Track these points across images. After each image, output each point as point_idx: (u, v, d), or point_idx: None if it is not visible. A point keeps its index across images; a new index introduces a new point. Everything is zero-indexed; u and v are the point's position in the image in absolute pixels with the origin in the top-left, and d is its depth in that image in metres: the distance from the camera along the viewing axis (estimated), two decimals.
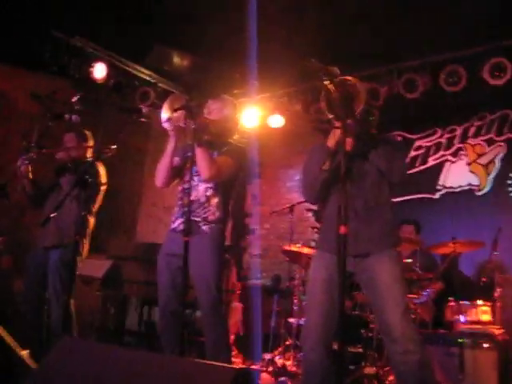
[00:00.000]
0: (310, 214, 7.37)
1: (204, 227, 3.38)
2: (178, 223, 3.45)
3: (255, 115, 6.61)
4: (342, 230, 2.30)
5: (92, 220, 4.34)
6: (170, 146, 3.38)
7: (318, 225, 7.22)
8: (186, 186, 3.29)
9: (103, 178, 4.37)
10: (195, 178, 3.43)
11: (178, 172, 3.45)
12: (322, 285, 2.83)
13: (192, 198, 3.36)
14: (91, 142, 4.51)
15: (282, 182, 7.87)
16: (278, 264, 7.06)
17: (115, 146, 3.44)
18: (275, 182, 7.92)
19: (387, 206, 2.98)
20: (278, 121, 6.75)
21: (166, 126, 3.23)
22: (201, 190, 3.44)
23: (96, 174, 4.26)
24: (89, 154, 4.47)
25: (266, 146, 7.28)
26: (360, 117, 2.76)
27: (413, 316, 4.35)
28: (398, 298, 2.77)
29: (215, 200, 3.43)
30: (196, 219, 3.39)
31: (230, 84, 6.00)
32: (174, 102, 3.23)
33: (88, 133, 4.54)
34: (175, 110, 3.16)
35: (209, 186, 3.45)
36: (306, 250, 5.51)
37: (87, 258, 4.31)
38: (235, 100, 3.67)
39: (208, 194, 3.44)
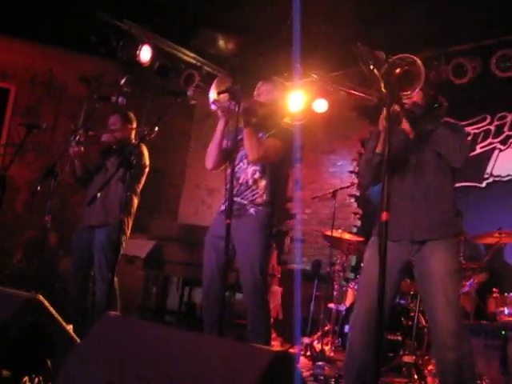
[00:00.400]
0: (352, 200, 7.47)
1: (251, 210, 3.37)
2: (226, 206, 3.46)
3: (299, 99, 6.52)
4: (384, 216, 2.22)
5: (136, 200, 4.39)
6: (220, 128, 3.38)
7: (360, 211, 7.32)
8: (234, 168, 3.30)
9: (146, 160, 4.40)
10: (244, 161, 3.44)
11: (228, 155, 3.40)
12: (376, 273, 2.78)
13: (240, 180, 3.38)
14: (135, 124, 4.57)
15: (324, 168, 7.81)
16: (319, 249, 7.08)
17: (157, 128, 3.41)
18: (317, 167, 7.87)
19: (449, 192, 2.93)
20: (322, 105, 6.69)
21: (212, 107, 3.23)
22: (249, 172, 3.43)
23: (140, 155, 4.29)
24: (133, 135, 4.51)
25: (309, 131, 7.17)
26: (422, 100, 2.79)
27: None
28: (450, 293, 2.70)
29: (263, 183, 3.41)
30: (243, 202, 3.39)
31: (274, 67, 5.90)
32: (221, 84, 3.23)
33: (132, 115, 4.58)
34: (219, 93, 3.16)
35: (256, 168, 3.43)
36: (347, 236, 5.52)
37: (130, 238, 4.36)
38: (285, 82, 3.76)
39: (256, 176, 3.42)
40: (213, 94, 3.20)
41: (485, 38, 5.40)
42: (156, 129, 3.41)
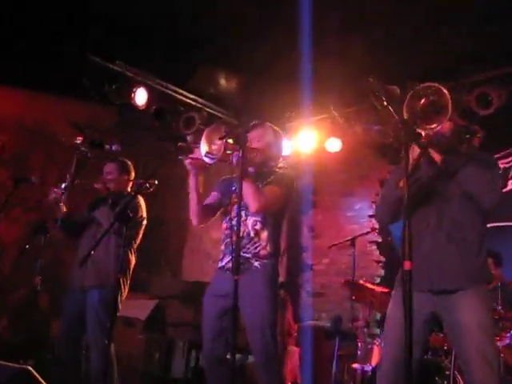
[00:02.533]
0: (373, 247, 7.38)
1: (255, 263, 3.37)
2: (225, 261, 3.46)
3: (311, 138, 6.58)
4: (407, 265, 2.20)
5: (133, 257, 4.36)
6: (192, 185, 3.45)
7: (382, 258, 7.19)
8: (233, 221, 3.32)
9: (144, 212, 4.38)
10: (242, 213, 3.39)
11: (215, 208, 3.52)
12: (401, 324, 2.61)
13: (241, 233, 3.28)
14: (133, 175, 4.58)
15: (341, 212, 7.79)
16: (339, 303, 6.96)
17: (156, 182, 3.52)
18: (334, 211, 7.84)
19: (476, 235, 2.84)
20: (335, 144, 6.69)
21: (207, 160, 3.23)
22: (249, 224, 3.45)
23: (137, 207, 4.27)
24: (129, 187, 4.52)
25: (323, 172, 7.23)
26: (450, 132, 2.74)
27: None
28: (484, 348, 2.65)
29: (265, 233, 3.43)
30: (246, 255, 3.39)
31: (281, 106, 6.00)
32: (213, 134, 3.24)
33: (130, 164, 4.60)
34: (220, 139, 3.14)
35: (257, 219, 3.45)
36: (369, 286, 5.40)
37: (128, 299, 4.33)
38: (276, 126, 3.64)
39: (257, 227, 3.44)
40: (204, 147, 3.20)
41: (508, 66, 5.38)
42: (155, 182, 3.53)
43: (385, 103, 2.55)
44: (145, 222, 4.39)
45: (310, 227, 7.78)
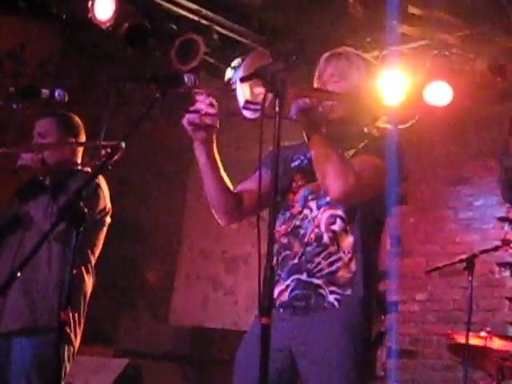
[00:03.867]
0: (507, 273, 7.06)
1: (330, 297, 3.24)
2: (280, 290, 3.32)
3: (400, 83, 6.31)
4: None
5: (90, 280, 4.30)
6: (202, 161, 3.35)
7: None
8: (297, 219, 3.32)
9: (107, 203, 4.38)
10: (311, 204, 3.34)
11: (257, 197, 3.14)
12: None
13: (305, 239, 3.29)
14: (83, 137, 4.46)
15: (447, 212, 7.55)
16: (443, 369, 6.86)
17: (123, 144, 3.33)
18: (435, 210, 7.58)
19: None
20: (441, 92, 6.44)
21: (246, 114, 3.09)
22: (323, 221, 3.32)
23: (96, 195, 4.26)
24: (79, 157, 4.45)
25: (419, 143, 6.91)
26: None
27: None
28: None
29: (349, 239, 3.30)
30: (314, 281, 3.25)
31: (347, 31, 5.77)
32: (255, 65, 3.04)
33: (78, 120, 4.53)
34: (243, 81, 3.04)
35: (337, 212, 3.32)
36: (497, 344, 5.23)
37: (84, 354, 4.40)
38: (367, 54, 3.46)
39: (336, 227, 3.30)
40: (244, 89, 3.08)
41: None
42: (123, 145, 3.31)
43: None
44: (108, 219, 4.35)
45: (393, 237, 7.44)
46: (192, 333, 6.06)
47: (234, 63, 3.83)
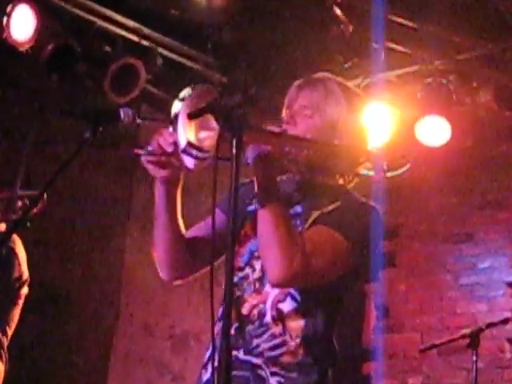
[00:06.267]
0: None
1: (272, 380, 3.16)
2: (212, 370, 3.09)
3: (386, 117, 6.07)
4: None
5: (2, 368, 4.34)
6: (159, 203, 3.32)
7: None
8: (244, 280, 3.31)
9: (24, 270, 4.37)
10: (256, 265, 3.29)
11: (209, 247, 3.20)
12: None
13: (245, 311, 3.23)
14: None
15: (446, 275, 7.34)
16: None
17: (45, 195, 3.33)
18: (431, 273, 7.39)
19: None
20: (437, 129, 6.25)
21: (185, 161, 3.07)
22: (270, 296, 3.31)
23: (10, 260, 4.33)
24: None
25: (411, 191, 6.81)
26: None
27: None
28: None
29: (299, 323, 3.23)
30: (253, 360, 3.19)
31: (319, 54, 5.57)
32: (201, 101, 3.13)
33: None
34: (191, 117, 3.03)
35: (288, 290, 3.30)
36: None
37: None
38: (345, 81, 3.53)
39: (284, 307, 3.24)
40: (185, 134, 3.09)
41: None
42: (45, 197, 3.44)
43: None
44: (25, 289, 4.33)
45: (381, 309, 7.18)
46: None
47: (183, 94, 3.40)
